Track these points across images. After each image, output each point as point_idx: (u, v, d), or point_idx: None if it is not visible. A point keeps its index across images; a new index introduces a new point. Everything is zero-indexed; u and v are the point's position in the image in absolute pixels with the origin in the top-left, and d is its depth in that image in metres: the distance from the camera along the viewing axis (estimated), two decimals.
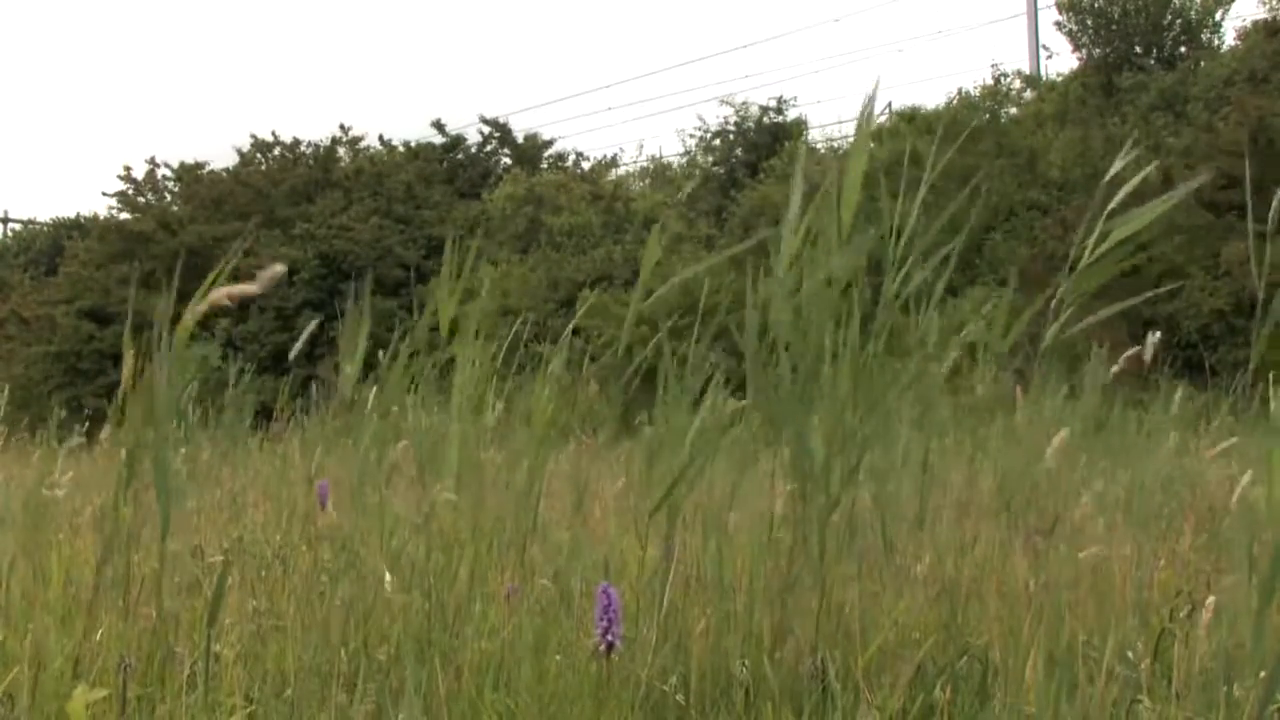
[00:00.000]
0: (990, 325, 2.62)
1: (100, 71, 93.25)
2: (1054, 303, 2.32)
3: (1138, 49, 23.54)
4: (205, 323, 2.73)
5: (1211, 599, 2.47)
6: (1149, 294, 4.65)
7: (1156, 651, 2.68)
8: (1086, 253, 2.27)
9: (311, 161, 28.92)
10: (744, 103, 29.76)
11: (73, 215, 37.00)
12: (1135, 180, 2.30)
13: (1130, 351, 3.11)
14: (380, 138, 30.11)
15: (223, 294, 1.73)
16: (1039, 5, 27.24)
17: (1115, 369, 3.09)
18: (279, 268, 1.75)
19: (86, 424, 7.02)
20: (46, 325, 26.53)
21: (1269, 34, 19.31)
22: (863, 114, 2.46)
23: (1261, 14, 20.41)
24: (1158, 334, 2.47)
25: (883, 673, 2.58)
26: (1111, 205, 2.24)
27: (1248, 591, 2.24)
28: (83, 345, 25.69)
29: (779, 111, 29.66)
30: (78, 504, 4.67)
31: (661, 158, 34.07)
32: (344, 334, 2.72)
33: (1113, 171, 2.25)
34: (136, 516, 2.35)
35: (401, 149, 29.92)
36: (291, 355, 2.99)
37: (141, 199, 29.25)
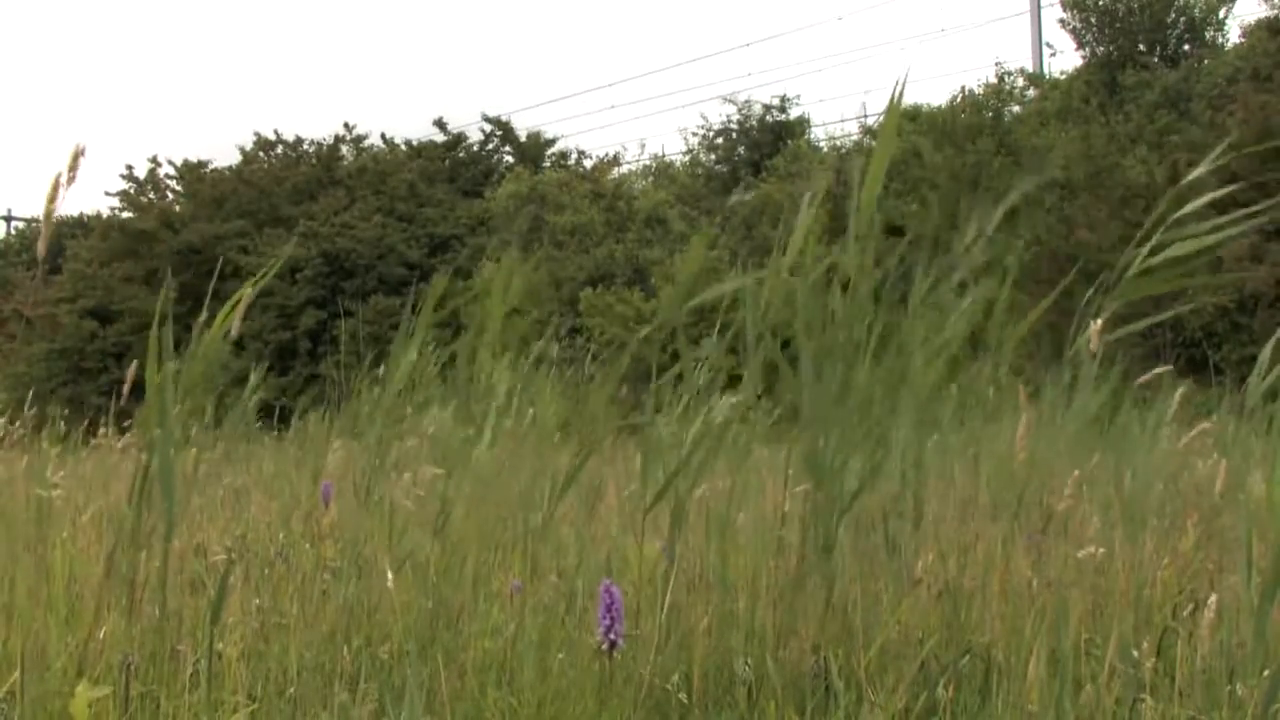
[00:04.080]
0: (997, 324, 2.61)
1: (103, 70, 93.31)
2: (1091, 308, 2.30)
3: (1141, 47, 23.52)
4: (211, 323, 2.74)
5: (1214, 598, 2.47)
6: (1191, 305, 4.63)
7: (1159, 650, 2.68)
8: (1137, 260, 2.24)
9: (314, 160, 28.95)
10: (747, 101, 29.80)
11: (75, 214, 37.03)
12: (1213, 195, 2.27)
13: (1161, 370, 3.13)
14: (383, 136, 30.14)
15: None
16: (1042, 3, 27.21)
17: (1143, 379, 3.11)
18: (79, 144, 1.80)
19: (87, 423, 7.01)
20: (49, 324, 26.56)
21: (1271, 33, 19.27)
22: (887, 116, 2.44)
23: (1264, 13, 20.39)
24: (1099, 321, 2.47)
25: (885, 671, 2.58)
26: (1181, 213, 2.21)
27: (1249, 590, 2.24)
28: (85, 344, 25.72)
29: (782, 110, 29.68)
30: (80, 503, 4.67)
31: (664, 156, 34.09)
32: (392, 353, 2.73)
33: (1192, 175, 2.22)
34: (147, 516, 2.35)
35: (404, 147, 29.92)
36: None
37: (144, 198, 29.27)
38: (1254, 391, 2.81)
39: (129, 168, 29.59)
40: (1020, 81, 24.60)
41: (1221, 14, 23.90)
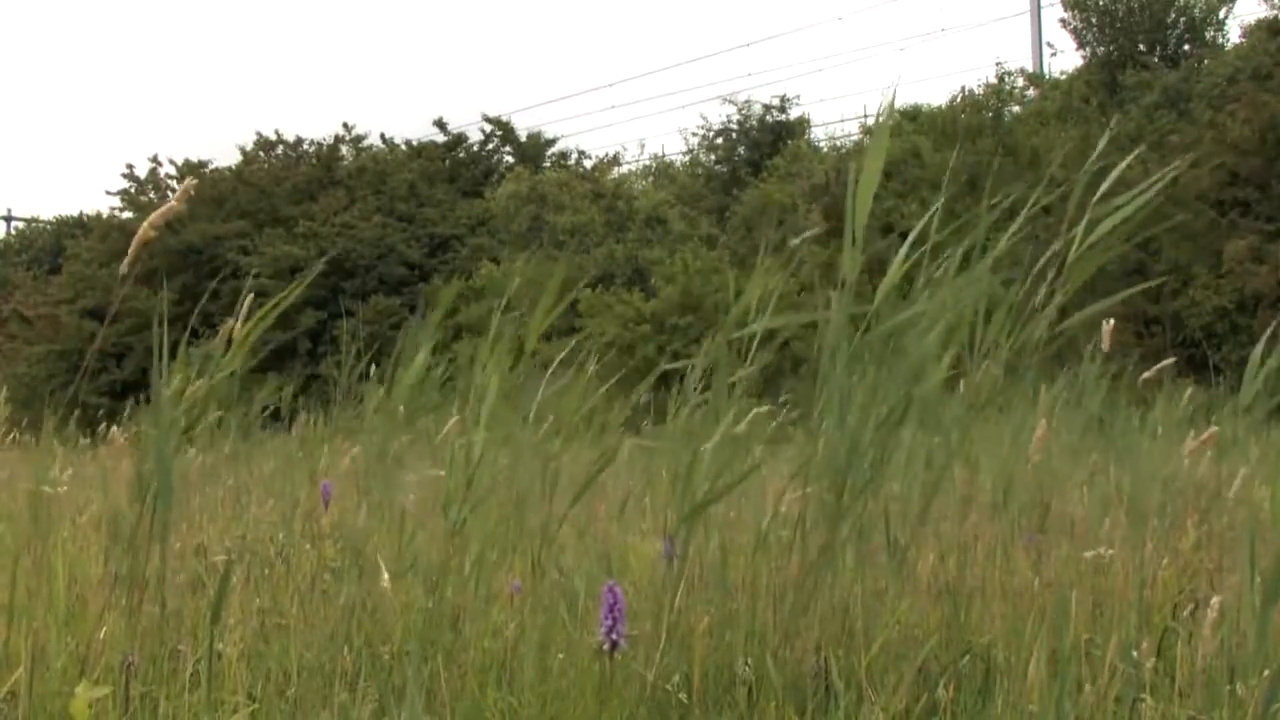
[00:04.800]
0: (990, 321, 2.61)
1: (103, 70, 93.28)
2: (1046, 295, 2.31)
3: (1141, 46, 23.52)
4: (211, 322, 2.75)
5: (1218, 599, 2.47)
6: (1141, 286, 4.63)
7: (1159, 650, 2.68)
8: (1075, 245, 2.25)
9: (314, 160, 28.94)
10: (746, 101, 29.82)
11: (75, 214, 37.03)
12: (1121, 166, 2.29)
13: (1164, 363, 3.12)
14: (382, 136, 30.13)
15: (148, 224, 1.78)
16: (1042, 3, 27.22)
17: (1146, 376, 3.10)
18: (190, 180, 1.84)
19: (88, 423, 7.02)
20: (49, 324, 26.55)
21: (1271, 33, 19.27)
22: (878, 121, 2.43)
23: (1264, 12, 20.39)
24: (1111, 321, 2.49)
25: (886, 672, 2.58)
26: (1098, 194, 2.22)
27: (1250, 590, 2.24)
28: (85, 344, 25.71)
29: (781, 110, 29.69)
30: (81, 503, 4.67)
31: (664, 156, 34.10)
32: (402, 351, 2.72)
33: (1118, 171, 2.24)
34: (152, 516, 2.35)
35: (404, 147, 29.91)
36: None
37: (144, 197, 29.27)
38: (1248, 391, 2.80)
39: (129, 167, 29.64)
40: (1020, 81, 24.60)
41: (1221, 14, 23.91)
